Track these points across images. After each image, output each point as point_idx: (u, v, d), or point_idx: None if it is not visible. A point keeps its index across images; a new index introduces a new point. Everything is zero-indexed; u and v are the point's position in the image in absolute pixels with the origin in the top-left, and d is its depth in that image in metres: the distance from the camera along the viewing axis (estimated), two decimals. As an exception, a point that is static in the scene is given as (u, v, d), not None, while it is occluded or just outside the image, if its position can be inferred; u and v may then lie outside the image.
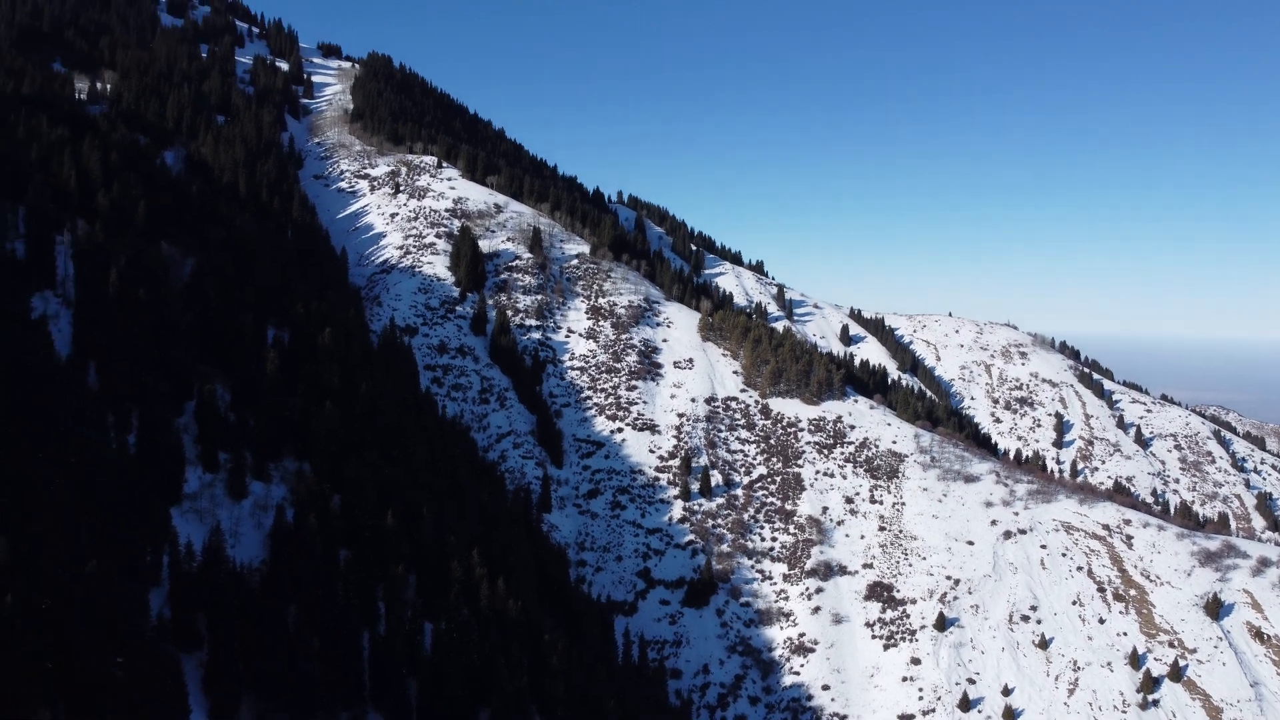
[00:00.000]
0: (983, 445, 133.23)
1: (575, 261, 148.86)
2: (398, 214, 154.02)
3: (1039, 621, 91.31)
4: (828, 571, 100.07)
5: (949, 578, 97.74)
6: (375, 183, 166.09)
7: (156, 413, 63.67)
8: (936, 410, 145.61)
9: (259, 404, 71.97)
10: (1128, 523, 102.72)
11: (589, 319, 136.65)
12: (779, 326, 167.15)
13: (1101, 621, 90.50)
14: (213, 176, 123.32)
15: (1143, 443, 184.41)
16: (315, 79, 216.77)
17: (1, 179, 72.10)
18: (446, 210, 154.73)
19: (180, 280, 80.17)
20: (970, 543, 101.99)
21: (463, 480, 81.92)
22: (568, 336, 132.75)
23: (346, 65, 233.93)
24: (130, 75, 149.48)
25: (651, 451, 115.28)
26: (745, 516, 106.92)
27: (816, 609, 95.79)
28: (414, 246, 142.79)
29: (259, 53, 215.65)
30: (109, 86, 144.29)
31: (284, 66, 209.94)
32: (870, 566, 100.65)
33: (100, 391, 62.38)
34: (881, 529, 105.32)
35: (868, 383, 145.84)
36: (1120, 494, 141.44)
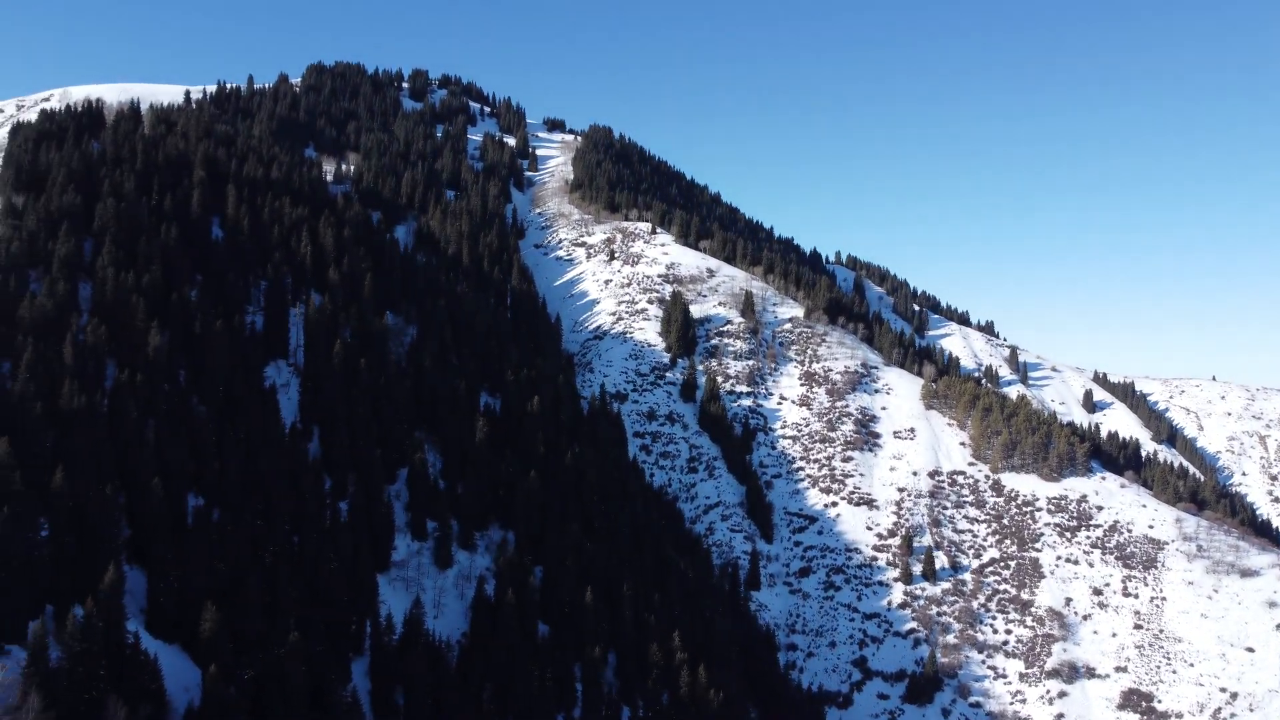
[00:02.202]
0: (1262, 533, 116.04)
1: (788, 325, 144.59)
2: (611, 280, 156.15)
3: (1345, 752, 76.24)
4: (1072, 673, 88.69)
5: (1223, 690, 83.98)
6: (591, 250, 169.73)
7: (371, 480, 65.05)
8: (1201, 490, 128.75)
9: (468, 471, 72.43)
10: None
11: (802, 385, 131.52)
12: (1012, 392, 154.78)
13: None
14: (439, 248, 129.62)
15: None
16: (539, 152, 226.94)
17: (246, 256, 77.71)
18: (659, 276, 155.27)
19: (401, 349, 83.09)
20: (1250, 649, 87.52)
21: (667, 554, 78.94)
22: (779, 404, 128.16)
23: (569, 138, 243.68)
24: (371, 156, 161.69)
25: (869, 528, 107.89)
26: (974, 605, 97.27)
27: (1059, 716, 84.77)
28: (626, 312, 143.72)
29: (489, 130, 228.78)
30: (352, 168, 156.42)
31: (511, 142, 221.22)
32: (1124, 670, 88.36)
33: (320, 458, 64.54)
34: (1137, 627, 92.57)
35: (1116, 456, 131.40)
36: None
